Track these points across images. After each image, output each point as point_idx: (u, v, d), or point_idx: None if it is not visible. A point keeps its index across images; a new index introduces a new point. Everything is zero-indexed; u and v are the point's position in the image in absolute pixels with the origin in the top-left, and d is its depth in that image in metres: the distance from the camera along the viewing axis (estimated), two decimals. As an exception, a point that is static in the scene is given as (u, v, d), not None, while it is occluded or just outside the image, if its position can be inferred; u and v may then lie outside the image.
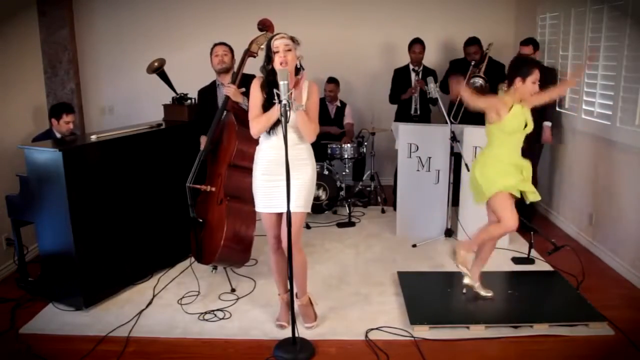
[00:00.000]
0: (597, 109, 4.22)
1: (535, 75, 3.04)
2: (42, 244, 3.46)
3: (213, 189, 3.55)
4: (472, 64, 5.04)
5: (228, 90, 3.57)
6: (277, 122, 2.84)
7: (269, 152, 2.93)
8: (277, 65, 2.78)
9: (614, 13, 3.94)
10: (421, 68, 5.41)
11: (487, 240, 3.34)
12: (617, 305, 3.39)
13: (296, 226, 2.91)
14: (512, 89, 3.14)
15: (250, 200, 3.55)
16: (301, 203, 2.95)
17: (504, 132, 3.16)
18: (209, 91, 4.01)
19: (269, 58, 2.85)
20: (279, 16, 5.58)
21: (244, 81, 3.65)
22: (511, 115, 3.12)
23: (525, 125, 3.17)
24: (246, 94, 3.63)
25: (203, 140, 3.74)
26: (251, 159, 3.47)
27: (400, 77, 5.47)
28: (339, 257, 4.27)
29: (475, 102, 3.23)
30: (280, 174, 2.74)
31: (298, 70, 2.91)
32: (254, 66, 3.51)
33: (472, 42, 5.20)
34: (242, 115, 3.58)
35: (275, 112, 2.81)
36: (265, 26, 3.65)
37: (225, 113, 3.59)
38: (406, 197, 4.61)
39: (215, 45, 3.90)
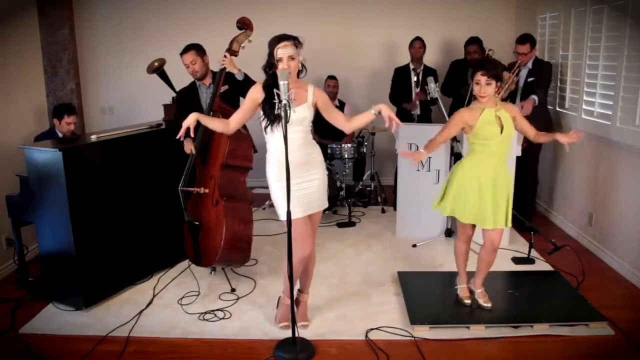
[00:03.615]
0: (597, 109, 4.21)
1: (477, 77, 2.99)
2: (42, 244, 3.46)
3: (206, 190, 3.53)
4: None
5: (224, 62, 3.60)
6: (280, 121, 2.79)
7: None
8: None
9: (614, 13, 3.94)
10: (422, 67, 5.41)
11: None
12: (617, 305, 3.39)
13: (318, 224, 3.12)
14: None
15: (245, 198, 3.56)
16: (325, 201, 3.06)
17: (480, 137, 3.08)
18: (189, 92, 3.95)
19: (270, 64, 2.80)
20: (280, 15, 5.64)
21: (228, 78, 3.67)
22: (482, 121, 3.04)
23: (502, 130, 3.04)
24: (229, 91, 3.70)
25: (187, 142, 3.67)
26: (244, 157, 3.48)
27: (401, 76, 5.47)
28: (339, 257, 4.27)
29: (440, 135, 3.15)
30: (305, 171, 2.87)
31: (300, 71, 2.88)
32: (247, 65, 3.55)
33: (473, 41, 5.21)
34: (229, 115, 3.57)
35: (208, 118, 3.01)
36: (244, 24, 3.66)
37: (211, 114, 3.56)
38: (406, 197, 4.61)
39: (181, 56, 3.85)
